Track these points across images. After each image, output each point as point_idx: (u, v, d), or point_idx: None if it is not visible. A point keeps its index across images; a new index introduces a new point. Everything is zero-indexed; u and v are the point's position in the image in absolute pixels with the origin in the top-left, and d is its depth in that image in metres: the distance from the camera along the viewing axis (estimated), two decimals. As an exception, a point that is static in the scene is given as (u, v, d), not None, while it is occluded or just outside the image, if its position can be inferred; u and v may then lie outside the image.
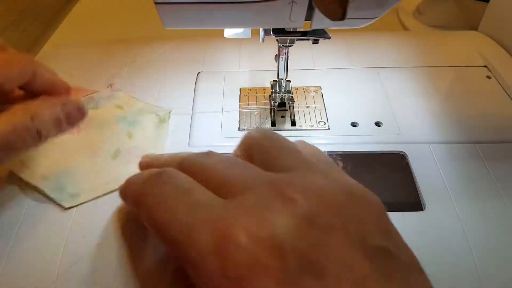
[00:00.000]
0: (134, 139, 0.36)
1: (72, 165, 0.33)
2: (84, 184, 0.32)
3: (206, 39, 0.49)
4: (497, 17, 0.48)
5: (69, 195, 0.31)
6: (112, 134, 0.36)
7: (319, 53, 0.46)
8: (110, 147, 0.35)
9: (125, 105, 0.39)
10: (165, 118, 0.38)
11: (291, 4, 0.26)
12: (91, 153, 0.34)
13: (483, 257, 0.27)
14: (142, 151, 0.34)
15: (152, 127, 0.37)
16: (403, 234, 0.28)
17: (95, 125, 0.36)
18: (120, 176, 0.30)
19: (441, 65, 0.45)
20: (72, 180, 0.32)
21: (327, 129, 0.37)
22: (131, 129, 0.37)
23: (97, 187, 0.32)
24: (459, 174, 0.32)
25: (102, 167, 0.33)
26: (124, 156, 0.34)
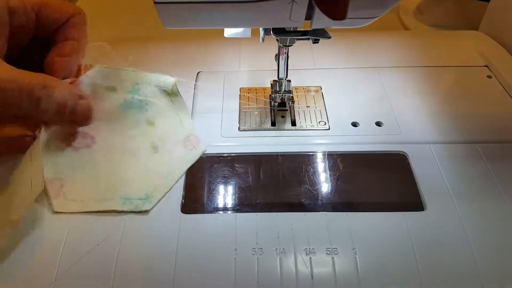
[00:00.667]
0: (158, 125, 0.34)
1: (119, 175, 0.31)
2: (147, 185, 0.31)
3: (206, 39, 0.49)
4: (498, 17, 0.48)
5: (140, 200, 0.30)
6: (133, 128, 0.33)
7: (319, 53, 0.46)
8: (143, 143, 0.33)
9: (114, 84, 0.34)
10: (175, 91, 0.36)
11: (291, 4, 0.26)
12: (130, 157, 0.32)
13: (483, 257, 0.27)
14: (175, 134, 0.34)
15: (166, 103, 0.35)
16: (404, 234, 0.28)
17: (105, 125, 0.33)
18: (173, 166, 0.32)
19: (442, 65, 0.44)
20: (132, 188, 0.30)
21: (328, 129, 0.37)
22: (147, 115, 0.34)
23: (161, 183, 0.31)
24: (460, 174, 0.32)
25: (151, 164, 0.32)
26: (163, 146, 0.33)
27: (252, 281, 0.26)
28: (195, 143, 0.34)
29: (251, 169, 0.34)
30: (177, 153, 0.33)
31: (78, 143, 0.32)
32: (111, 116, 0.33)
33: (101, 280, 0.26)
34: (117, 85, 0.34)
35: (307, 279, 0.26)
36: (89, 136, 0.32)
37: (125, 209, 0.29)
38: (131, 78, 0.35)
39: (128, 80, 0.34)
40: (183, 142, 0.33)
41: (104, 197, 0.30)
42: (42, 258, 0.27)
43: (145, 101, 0.34)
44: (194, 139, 0.34)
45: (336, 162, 0.34)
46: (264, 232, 0.29)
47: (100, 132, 0.32)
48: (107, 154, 0.32)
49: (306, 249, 0.28)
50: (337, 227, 0.29)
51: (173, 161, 0.32)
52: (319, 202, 0.31)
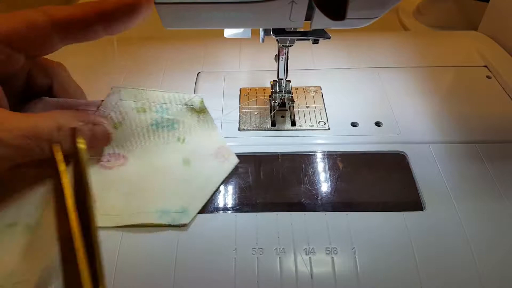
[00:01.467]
0: (189, 141, 0.34)
1: (154, 189, 0.31)
2: (181, 199, 0.30)
3: (206, 39, 0.49)
4: (497, 17, 0.49)
5: (176, 214, 0.29)
6: (163, 144, 0.33)
7: (319, 53, 0.46)
8: (174, 158, 0.32)
9: (143, 104, 0.34)
10: (202, 108, 0.36)
11: (291, 4, 0.26)
12: (164, 173, 0.32)
13: (483, 257, 0.27)
14: (206, 148, 0.34)
15: (194, 121, 0.35)
16: (404, 234, 0.29)
17: (136, 144, 0.33)
18: (208, 178, 0.32)
19: (441, 65, 0.45)
20: (167, 202, 0.30)
21: (327, 129, 0.37)
22: (176, 133, 0.34)
23: (197, 196, 0.31)
24: (459, 174, 0.32)
25: (184, 177, 0.31)
26: (196, 160, 0.33)
27: (252, 281, 0.26)
28: (226, 155, 0.34)
29: (251, 169, 0.34)
30: (210, 165, 0.33)
31: (111, 163, 0.32)
32: (142, 136, 0.33)
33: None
34: (145, 106, 0.34)
35: (307, 279, 0.26)
36: (122, 157, 0.32)
37: (163, 222, 0.29)
38: (158, 98, 0.35)
39: (155, 100, 0.35)
40: (214, 154, 0.34)
41: (139, 211, 0.29)
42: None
43: (174, 120, 0.34)
44: (225, 151, 0.34)
45: (335, 162, 0.34)
46: (264, 232, 0.29)
47: (132, 152, 0.33)
48: (141, 171, 0.32)
49: (306, 249, 0.28)
50: (337, 227, 0.29)
51: (207, 172, 0.32)
52: (319, 202, 0.31)
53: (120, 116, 0.33)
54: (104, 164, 0.32)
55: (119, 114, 0.33)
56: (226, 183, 0.33)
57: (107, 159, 0.32)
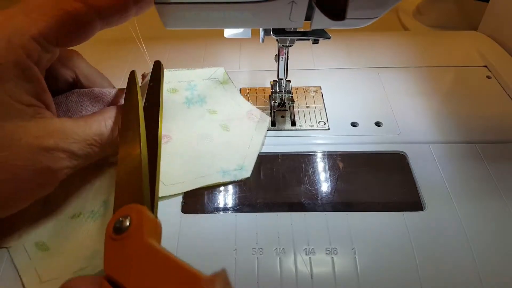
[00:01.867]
0: (219, 111, 0.36)
1: (208, 154, 0.33)
2: (236, 158, 0.33)
3: (206, 39, 0.49)
4: (497, 17, 0.49)
5: (236, 171, 0.32)
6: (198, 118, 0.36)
7: (319, 53, 0.46)
8: (215, 127, 0.35)
9: (174, 85, 0.38)
10: (226, 79, 0.39)
11: (291, 4, 0.26)
12: (209, 139, 0.34)
13: (483, 257, 0.27)
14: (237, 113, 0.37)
15: (220, 92, 0.38)
16: (403, 234, 0.29)
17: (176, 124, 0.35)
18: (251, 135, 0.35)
19: (441, 65, 0.45)
20: (224, 162, 0.33)
21: (327, 129, 0.37)
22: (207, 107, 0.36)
23: (247, 153, 0.33)
24: (459, 174, 0.32)
25: (229, 139, 0.34)
26: (232, 124, 0.35)
27: (252, 281, 0.26)
28: (258, 115, 0.37)
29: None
30: (247, 126, 0.36)
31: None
32: (178, 115, 0.36)
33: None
34: (176, 86, 0.38)
35: (307, 279, 0.26)
36: (165, 136, 0.34)
37: (227, 180, 0.32)
38: (186, 76, 0.38)
39: (183, 79, 0.38)
40: (247, 117, 0.36)
41: (202, 175, 0.32)
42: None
43: (203, 95, 0.37)
44: (255, 113, 0.37)
45: (335, 162, 0.34)
46: (264, 232, 0.29)
47: (172, 130, 0.35)
48: (187, 142, 0.34)
49: (305, 249, 0.28)
50: (337, 227, 0.29)
51: (248, 132, 0.35)
52: (319, 202, 0.31)
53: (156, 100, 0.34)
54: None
55: (155, 98, 0.34)
56: (225, 183, 0.32)
57: None
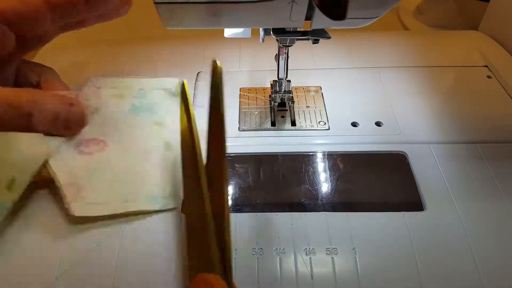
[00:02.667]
0: (167, 125, 0.33)
1: (140, 175, 0.30)
2: (168, 183, 0.30)
3: (206, 39, 0.49)
4: (498, 17, 0.48)
5: (164, 199, 0.29)
6: (143, 130, 0.33)
7: (319, 53, 0.46)
8: (157, 144, 0.32)
9: (122, 92, 0.34)
10: (179, 91, 0.35)
11: (291, 4, 0.26)
12: (146, 158, 0.31)
13: (483, 257, 0.27)
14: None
15: (172, 105, 0.35)
16: (404, 234, 0.28)
17: (115, 130, 0.32)
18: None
19: (442, 65, 0.44)
20: (154, 187, 0.30)
21: (327, 129, 0.37)
22: (155, 117, 0.33)
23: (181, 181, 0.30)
24: (460, 174, 0.32)
25: (167, 161, 0.31)
26: (177, 143, 0.32)
27: (252, 281, 0.26)
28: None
29: (251, 169, 0.34)
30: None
31: (91, 149, 0.31)
32: (120, 121, 0.33)
33: (101, 280, 0.26)
34: (124, 92, 0.34)
35: (307, 279, 0.26)
36: (101, 141, 0.32)
37: (152, 209, 0.29)
38: (136, 84, 0.35)
39: (133, 86, 0.35)
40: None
41: (127, 198, 0.29)
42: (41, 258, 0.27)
43: (153, 104, 0.34)
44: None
45: (336, 162, 0.34)
46: (264, 232, 0.29)
47: (111, 137, 0.32)
48: (122, 156, 0.31)
49: (306, 249, 0.28)
50: (337, 227, 0.29)
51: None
52: (319, 202, 0.31)
53: (99, 101, 0.32)
54: (83, 150, 0.31)
55: (98, 99, 0.33)
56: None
57: (86, 145, 0.31)
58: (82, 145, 0.31)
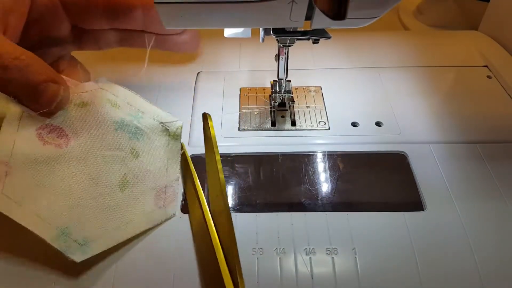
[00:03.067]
0: (142, 160, 0.29)
1: (71, 197, 0.26)
2: (91, 227, 0.26)
3: (206, 39, 0.49)
4: (498, 17, 0.48)
5: (75, 243, 0.25)
6: (113, 149, 0.29)
7: (319, 53, 0.46)
8: (114, 172, 0.28)
9: (121, 102, 0.31)
10: (177, 134, 0.32)
11: (291, 4, 0.26)
12: (92, 180, 0.27)
13: (483, 257, 0.27)
14: (154, 179, 0.29)
15: (161, 144, 0.31)
16: (404, 234, 0.28)
17: (87, 132, 0.28)
18: (132, 218, 0.27)
19: (442, 65, 0.44)
20: (76, 223, 0.25)
21: (327, 129, 0.37)
22: (136, 144, 0.30)
23: (107, 232, 0.26)
24: (460, 174, 0.32)
25: (109, 203, 0.27)
26: (134, 186, 0.28)
27: (252, 281, 0.26)
28: (168, 200, 0.29)
29: (251, 169, 0.34)
30: (143, 203, 0.28)
31: (50, 138, 0.27)
32: (98, 127, 0.29)
33: (102, 279, 0.26)
34: (121, 104, 0.31)
35: (307, 279, 0.26)
36: (65, 136, 0.28)
37: (54, 245, 0.24)
38: (138, 104, 0.32)
39: (134, 104, 0.31)
40: (156, 193, 0.29)
41: (41, 215, 0.25)
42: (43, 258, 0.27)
43: (142, 131, 0.30)
44: (170, 193, 0.29)
45: (336, 162, 0.34)
46: (264, 232, 0.29)
47: (79, 137, 0.28)
48: (71, 167, 0.27)
49: (306, 249, 0.28)
50: (337, 227, 0.29)
51: (134, 211, 0.28)
52: (319, 202, 0.31)
53: (91, 99, 0.29)
54: (42, 135, 0.27)
55: (92, 96, 0.29)
56: (226, 183, 0.32)
57: (50, 130, 0.27)
58: (46, 129, 0.27)
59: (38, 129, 0.27)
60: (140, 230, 0.27)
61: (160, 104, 0.40)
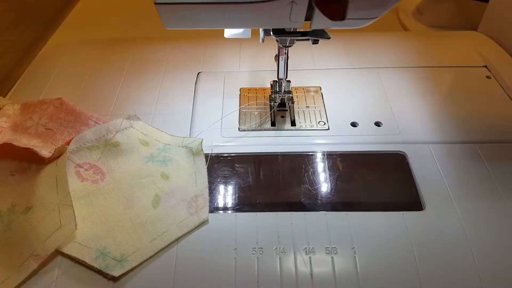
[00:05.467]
0: (171, 180, 0.32)
1: (108, 222, 0.29)
2: (127, 244, 0.28)
3: (206, 39, 0.49)
4: (497, 17, 0.49)
5: (114, 260, 0.27)
6: (144, 177, 0.32)
7: (319, 53, 0.47)
8: (147, 194, 0.31)
9: (150, 140, 0.35)
10: (199, 150, 0.34)
11: (291, 5, 0.26)
12: (126, 204, 0.30)
13: (482, 256, 0.27)
14: (184, 192, 0.31)
15: (187, 162, 0.34)
16: (403, 233, 0.29)
17: (120, 167, 0.32)
18: (167, 229, 0.29)
19: (441, 65, 0.45)
20: (113, 242, 0.28)
21: (327, 129, 0.37)
22: (164, 169, 0.33)
23: (144, 246, 0.28)
24: (459, 174, 0.32)
25: (143, 220, 0.29)
26: (166, 201, 0.31)
27: (252, 281, 0.26)
28: (200, 206, 0.31)
29: (251, 169, 0.34)
30: (175, 215, 0.30)
31: (88, 174, 0.31)
32: (130, 162, 0.33)
33: (102, 279, 0.26)
34: (150, 141, 0.35)
35: (307, 278, 0.26)
36: (101, 173, 0.32)
37: (95, 265, 0.27)
38: (165, 139, 0.36)
39: (162, 140, 0.35)
40: (188, 202, 0.31)
41: (81, 242, 0.28)
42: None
43: (169, 158, 0.34)
44: (201, 201, 0.31)
45: (335, 162, 0.34)
46: (264, 232, 0.29)
47: (113, 172, 0.32)
48: (108, 198, 0.30)
49: (305, 249, 0.28)
50: (337, 227, 0.29)
51: (168, 223, 0.29)
52: (319, 201, 0.31)
53: (124, 138, 0.34)
54: (81, 172, 0.31)
55: (124, 136, 0.34)
56: (226, 183, 0.33)
57: (87, 168, 0.32)
58: (83, 167, 0.32)
59: (77, 167, 0.31)
60: (175, 238, 0.29)
61: (160, 104, 0.40)
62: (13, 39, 0.59)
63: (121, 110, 0.38)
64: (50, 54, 0.50)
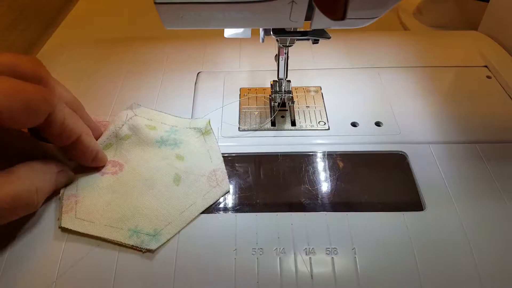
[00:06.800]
0: (187, 160, 0.34)
1: (134, 204, 0.30)
2: (158, 220, 0.29)
3: (206, 39, 0.49)
4: (497, 17, 0.48)
5: (148, 235, 0.28)
6: (161, 159, 0.33)
7: (319, 53, 0.46)
8: (166, 174, 0.32)
9: (156, 124, 0.36)
10: (208, 129, 0.36)
11: (291, 4, 0.26)
12: (149, 185, 0.31)
13: (483, 256, 0.27)
14: (201, 168, 0.33)
15: (198, 142, 0.35)
16: (403, 234, 0.29)
17: (136, 156, 0.34)
18: (194, 202, 0.30)
19: (441, 65, 0.45)
20: (143, 220, 0.29)
21: (327, 129, 0.37)
22: (178, 151, 0.34)
23: (175, 219, 0.29)
24: (459, 174, 0.32)
25: (169, 196, 0.31)
26: (187, 178, 0.32)
27: (252, 281, 0.26)
28: (220, 179, 0.32)
29: (251, 169, 0.34)
30: (198, 188, 0.32)
31: (106, 169, 0.33)
32: (144, 149, 0.34)
33: (102, 279, 0.26)
34: (156, 125, 0.36)
35: (307, 279, 0.26)
36: (118, 164, 0.33)
37: (130, 243, 0.28)
38: (171, 121, 0.37)
39: (168, 122, 0.37)
40: (208, 176, 0.32)
41: (112, 224, 0.29)
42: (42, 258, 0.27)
43: (180, 140, 0.35)
44: (220, 174, 0.33)
45: (335, 162, 0.34)
46: (264, 232, 0.29)
47: (130, 161, 0.33)
48: (129, 182, 0.32)
49: (306, 249, 0.28)
50: (337, 227, 0.29)
51: (193, 196, 0.31)
52: (319, 202, 0.31)
53: (131, 130, 0.35)
54: (99, 168, 0.33)
55: (131, 128, 0.35)
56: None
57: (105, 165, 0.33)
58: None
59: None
60: (202, 209, 0.30)
61: (160, 104, 0.40)
62: (13, 38, 0.59)
63: (121, 110, 0.38)
64: (49, 54, 0.50)
